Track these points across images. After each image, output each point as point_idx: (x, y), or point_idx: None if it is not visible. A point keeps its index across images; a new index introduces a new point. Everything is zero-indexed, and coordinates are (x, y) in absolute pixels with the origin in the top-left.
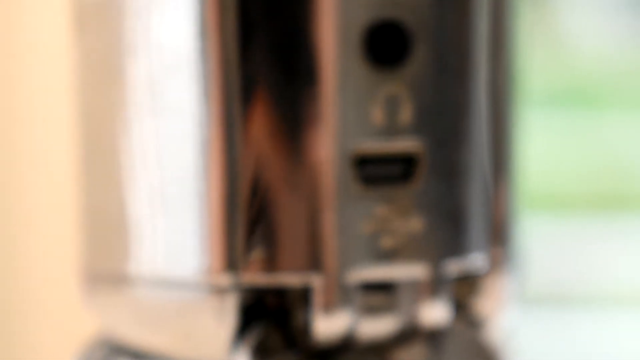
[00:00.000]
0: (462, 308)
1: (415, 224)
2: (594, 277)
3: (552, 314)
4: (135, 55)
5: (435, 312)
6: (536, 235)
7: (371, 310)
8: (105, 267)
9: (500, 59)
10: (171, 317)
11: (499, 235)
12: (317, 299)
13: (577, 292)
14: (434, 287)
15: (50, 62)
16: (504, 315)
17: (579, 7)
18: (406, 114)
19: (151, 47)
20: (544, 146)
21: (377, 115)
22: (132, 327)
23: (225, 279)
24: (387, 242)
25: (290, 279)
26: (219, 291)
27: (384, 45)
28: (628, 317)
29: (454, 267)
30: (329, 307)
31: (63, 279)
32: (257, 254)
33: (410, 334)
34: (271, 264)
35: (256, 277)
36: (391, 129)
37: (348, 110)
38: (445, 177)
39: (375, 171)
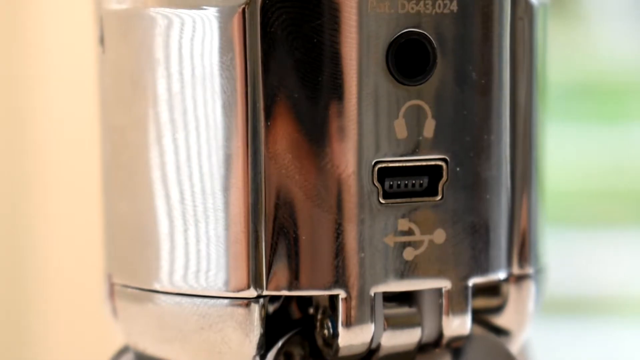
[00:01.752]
0: (485, 321)
1: (438, 236)
2: (604, 283)
3: (561, 321)
4: (160, 69)
5: (458, 324)
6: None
7: (395, 322)
8: (129, 279)
9: (523, 74)
10: (195, 331)
11: (523, 249)
12: (341, 311)
13: (586, 298)
14: (457, 299)
15: (69, 64)
16: (527, 328)
17: (605, 13)
18: (429, 128)
19: (175, 61)
20: (562, 150)
21: (401, 129)
22: (157, 341)
23: (249, 293)
24: (410, 254)
25: (314, 292)
26: (243, 304)
27: (408, 61)
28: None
29: (477, 279)
30: (353, 319)
31: (87, 290)
32: (281, 267)
33: (433, 345)
34: (295, 277)
35: (280, 290)
36: (414, 143)
37: (371, 125)
38: (468, 190)
39: (399, 185)
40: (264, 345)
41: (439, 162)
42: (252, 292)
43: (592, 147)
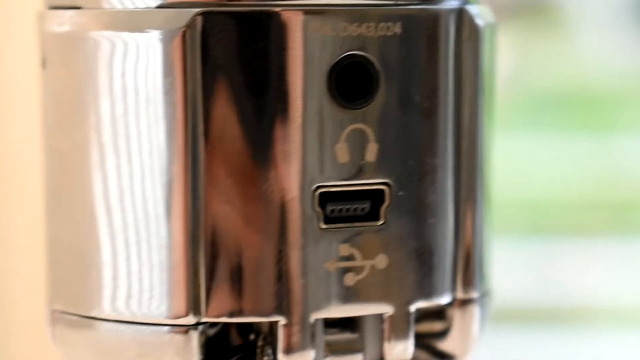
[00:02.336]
0: (429, 345)
1: (380, 262)
2: (585, 292)
3: (542, 331)
4: (103, 93)
5: (400, 350)
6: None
7: (336, 348)
8: (70, 306)
9: (468, 95)
10: (134, 358)
11: (467, 273)
12: (282, 338)
13: (566, 308)
14: (399, 324)
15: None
16: (471, 351)
17: (591, 22)
18: (372, 152)
19: (116, 86)
20: (549, 159)
21: (342, 153)
22: None
23: (187, 320)
24: (351, 280)
25: (254, 319)
26: (182, 331)
27: (351, 84)
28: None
29: (420, 304)
30: (294, 346)
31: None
32: (220, 293)
33: None
34: (235, 303)
35: (220, 317)
36: (357, 167)
37: (314, 148)
38: (412, 215)
39: (340, 210)
40: None
41: (382, 187)
42: (190, 319)
43: (576, 156)
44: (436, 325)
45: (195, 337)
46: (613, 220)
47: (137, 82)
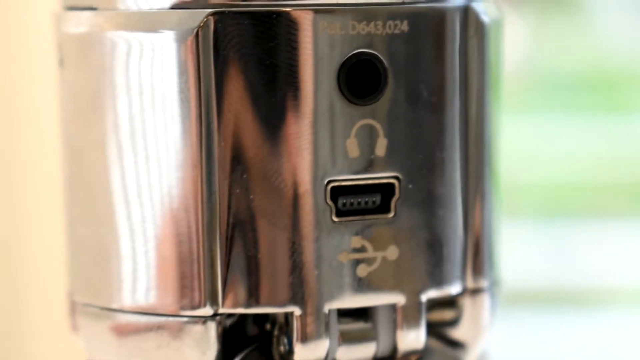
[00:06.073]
0: (441, 333)
1: (391, 253)
2: (606, 274)
3: (562, 312)
4: (120, 92)
5: (412, 339)
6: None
7: (350, 337)
8: (91, 298)
9: (475, 90)
10: (154, 349)
11: (476, 262)
12: (297, 328)
13: (586, 290)
14: (411, 314)
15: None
16: (483, 340)
17: (607, 2)
18: (381, 147)
19: (132, 85)
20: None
21: (353, 148)
22: (118, 358)
23: (205, 311)
24: (364, 271)
25: (270, 310)
26: (200, 322)
27: (360, 80)
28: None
29: (431, 293)
30: (309, 335)
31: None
32: (237, 285)
33: (388, 359)
34: (251, 294)
35: (236, 308)
36: (367, 162)
37: (325, 144)
38: (421, 207)
39: (352, 203)
40: None
41: (392, 180)
42: (208, 311)
43: (593, 138)
44: (447, 314)
45: (213, 327)
46: (630, 202)
47: (153, 81)
